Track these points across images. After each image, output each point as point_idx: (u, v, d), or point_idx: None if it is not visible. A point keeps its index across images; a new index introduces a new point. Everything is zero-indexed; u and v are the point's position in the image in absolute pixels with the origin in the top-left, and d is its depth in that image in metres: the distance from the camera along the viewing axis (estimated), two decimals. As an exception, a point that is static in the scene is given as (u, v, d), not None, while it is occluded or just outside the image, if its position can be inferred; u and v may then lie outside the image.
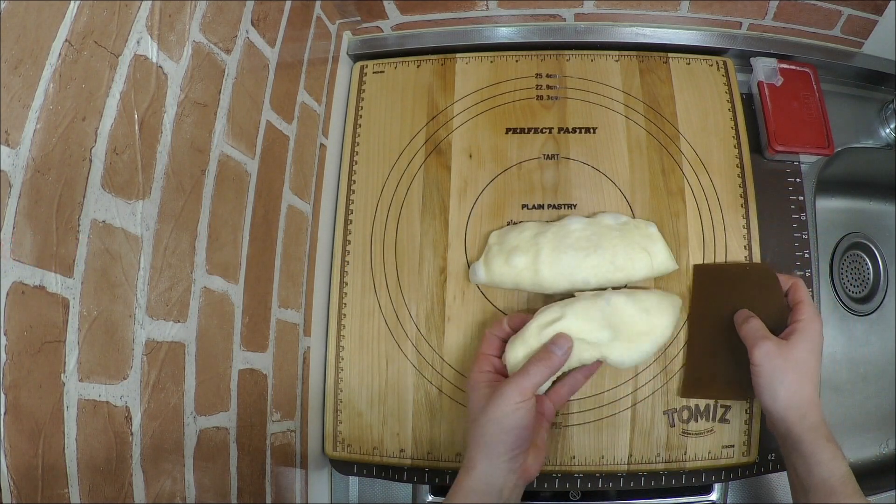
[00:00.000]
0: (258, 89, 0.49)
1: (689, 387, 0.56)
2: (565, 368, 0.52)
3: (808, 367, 0.49)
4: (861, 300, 0.75)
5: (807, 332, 0.50)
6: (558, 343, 0.50)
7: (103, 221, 0.33)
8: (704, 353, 0.56)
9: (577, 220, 0.57)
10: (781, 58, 0.64)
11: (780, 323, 0.52)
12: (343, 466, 0.60)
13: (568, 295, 0.55)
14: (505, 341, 0.53)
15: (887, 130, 0.65)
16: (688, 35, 0.66)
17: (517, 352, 0.51)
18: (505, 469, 0.47)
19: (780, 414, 0.48)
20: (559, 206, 0.60)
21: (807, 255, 0.60)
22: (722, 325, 0.55)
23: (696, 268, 0.58)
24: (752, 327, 0.52)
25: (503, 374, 0.52)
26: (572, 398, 0.56)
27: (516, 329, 0.53)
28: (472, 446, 0.48)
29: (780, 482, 0.59)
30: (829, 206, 0.77)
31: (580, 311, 0.51)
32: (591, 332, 0.52)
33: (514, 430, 0.47)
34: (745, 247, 0.59)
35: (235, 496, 0.46)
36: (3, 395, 0.27)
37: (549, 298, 0.57)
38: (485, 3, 0.64)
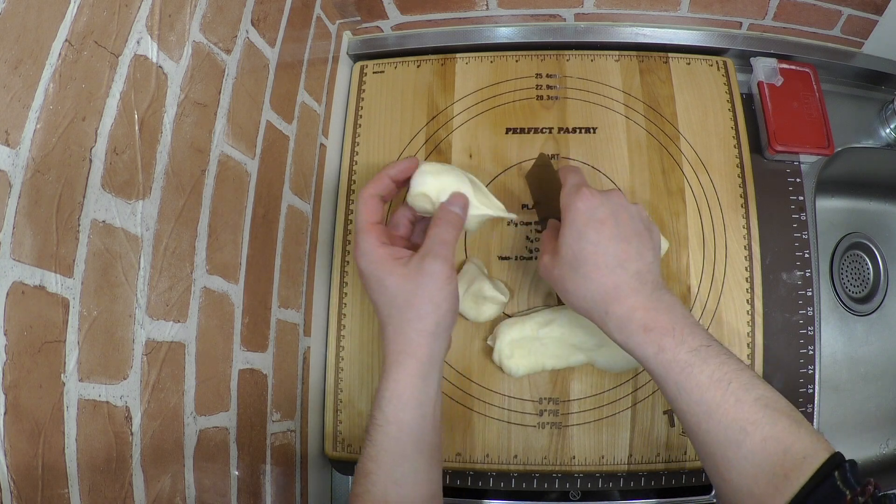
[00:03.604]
0: (258, 89, 0.49)
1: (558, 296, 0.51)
2: (561, 365, 0.54)
3: (583, 257, 0.42)
4: (861, 300, 0.75)
5: (566, 220, 0.43)
6: (454, 202, 0.46)
7: (103, 221, 0.33)
8: None
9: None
10: (781, 58, 0.64)
11: None
12: (343, 466, 0.60)
13: None
14: (385, 202, 0.48)
15: (887, 130, 0.65)
16: (688, 35, 0.66)
17: (512, 334, 0.54)
18: (446, 344, 0.45)
19: (593, 321, 0.42)
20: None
21: (807, 255, 0.60)
22: None
23: (526, 177, 0.57)
24: (541, 242, 0.47)
25: (395, 242, 0.47)
26: (572, 398, 0.56)
27: (399, 180, 0.48)
28: (412, 331, 0.43)
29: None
30: (829, 206, 0.77)
31: (571, 317, 0.54)
32: (579, 336, 0.54)
33: (452, 306, 0.44)
34: (745, 247, 0.59)
35: (235, 496, 0.46)
36: (3, 395, 0.27)
37: (550, 298, 0.58)
38: (485, 3, 0.64)
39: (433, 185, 0.47)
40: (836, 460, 0.35)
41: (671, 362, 0.39)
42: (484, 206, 0.48)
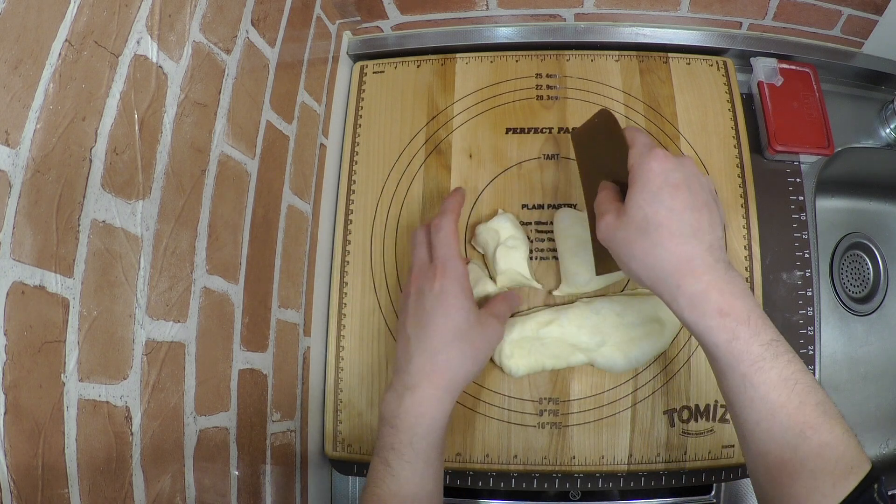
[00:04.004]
0: (258, 89, 0.49)
1: (601, 264, 0.49)
2: (561, 365, 0.54)
3: (657, 221, 0.39)
4: (861, 300, 0.75)
5: (639, 181, 0.40)
6: (517, 296, 0.55)
7: (103, 221, 0.33)
8: None
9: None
10: (781, 58, 0.64)
11: None
12: (343, 466, 0.60)
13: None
14: None
15: (887, 130, 0.65)
16: (688, 35, 0.66)
17: (512, 334, 0.54)
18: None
19: (658, 293, 0.40)
20: (559, 206, 0.60)
21: (807, 255, 0.60)
22: None
23: (573, 135, 0.55)
24: (597, 202, 0.44)
25: None
26: (572, 398, 0.56)
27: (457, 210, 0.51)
28: (456, 367, 0.45)
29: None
30: (829, 206, 0.77)
31: (573, 317, 0.54)
32: (581, 337, 0.54)
33: (483, 366, 0.49)
34: (745, 247, 0.59)
35: (235, 496, 0.46)
36: (3, 395, 0.27)
37: (549, 298, 0.58)
38: (485, 3, 0.64)
39: (505, 231, 0.56)
40: (874, 473, 0.36)
41: (743, 353, 0.38)
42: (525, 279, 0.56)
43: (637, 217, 0.40)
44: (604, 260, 0.48)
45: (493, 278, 0.57)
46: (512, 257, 0.55)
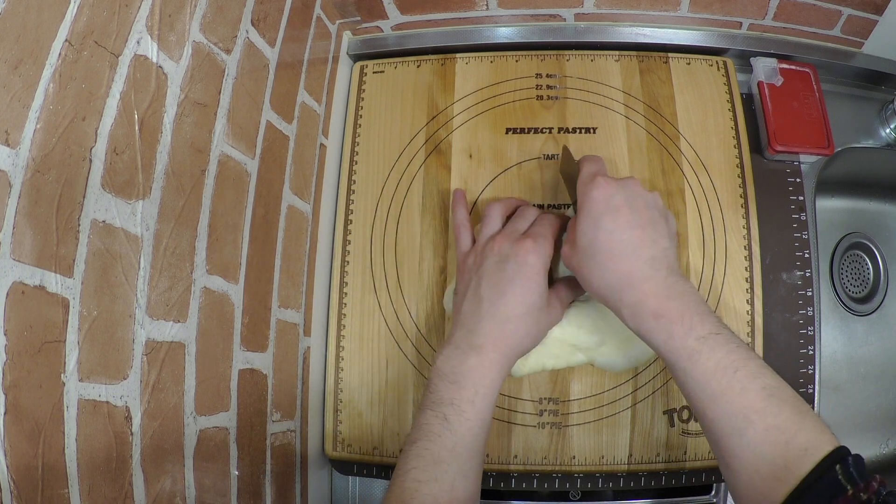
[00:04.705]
0: (258, 89, 0.49)
1: None
2: (561, 366, 0.55)
3: (597, 245, 0.43)
4: (861, 300, 0.75)
5: (583, 209, 0.44)
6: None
7: (103, 221, 0.33)
8: None
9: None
10: (781, 58, 0.64)
11: None
12: (343, 466, 0.60)
13: None
14: None
15: (887, 130, 0.65)
16: (688, 35, 0.66)
17: None
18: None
19: (609, 308, 0.44)
20: (559, 207, 0.60)
21: (807, 255, 0.60)
22: None
23: (560, 172, 0.58)
24: (567, 231, 0.48)
25: None
26: (572, 398, 0.56)
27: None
28: (520, 337, 0.46)
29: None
30: (829, 206, 0.77)
31: (572, 317, 0.54)
32: (581, 336, 0.54)
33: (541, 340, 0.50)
34: (745, 247, 0.59)
35: (235, 496, 0.46)
36: (3, 395, 0.27)
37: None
38: (485, 3, 0.64)
39: None
40: (839, 454, 0.35)
41: (679, 349, 0.40)
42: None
43: (583, 243, 0.44)
44: None
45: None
46: None
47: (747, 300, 0.57)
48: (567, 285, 0.52)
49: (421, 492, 0.41)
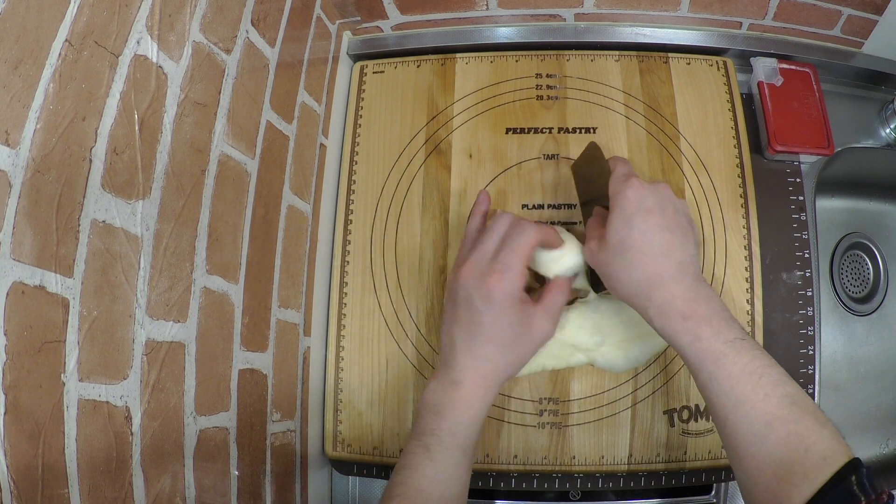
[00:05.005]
0: (258, 89, 0.49)
1: (597, 284, 0.51)
2: (561, 366, 0.54)
3: (630, 243, 0.43)
4: (861, 300, 0.75)
5: (616, 207, 0.44)
6: (569, 283, 0.51)
7: (103, 221, 0.33)
8: None
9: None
10: (781, 58, 0.64)
11: None
12: (343, 466, 0.60)
13: None
14: None
15: (887, 130, 0.65)
16: (688, 35, 0.66)
17: None
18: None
19: (634, 307, 0.44)
20: (559, 206, 0.60)
21: (807, 255, 0.60)
22: None
23: (572, 167, 0.57)
24: (587, 227, 0.48)
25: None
26: (572, 398, 0.56)
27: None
28: (502, 362, 0.46)
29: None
30: (829, 206, 0.77)
31: (572, 317, 0.54)
32: (581, 337, 0.54)
33: (529, 359, 0.48)
34: (745, 247, 0.59)
35: (235, 496, 0.46)
36: (3, 395, 0.27)
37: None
38: (485, 3, 0.64)
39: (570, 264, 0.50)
40: (854, 464, 0.36)
41: (706, 351, 0.40)
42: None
43: (614, 241, 0.44)
44: (598, 281, 0.50)
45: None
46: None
47: (747, 300, 0.57)
48: (554, 293, 0.49)
49: None
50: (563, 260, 0.49)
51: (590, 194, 0.54)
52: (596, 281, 0.51)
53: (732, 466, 0.41)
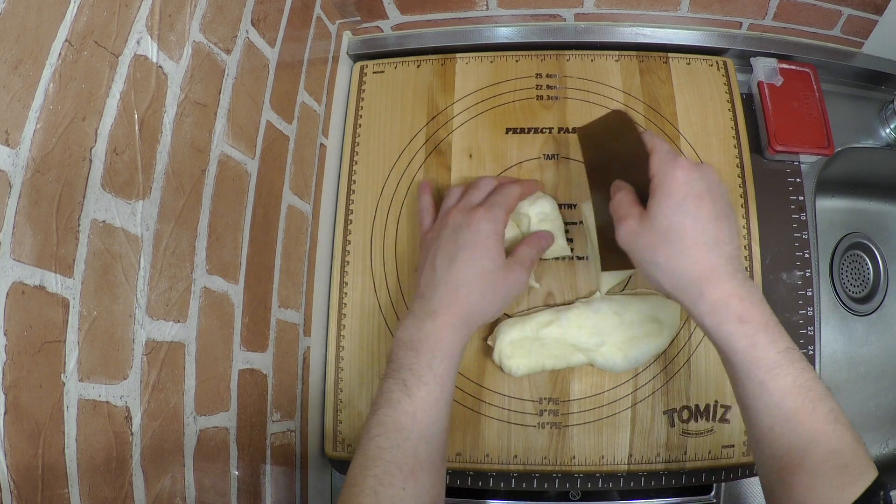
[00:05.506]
0: (258, 89, 0.49)
1: (607, 260, 0.50)
2: (560, 366, 0.55)
3: (681, 230, 0.40)
4: (861, 300, 0.75)
5: (663, 189, 0.41)
6: (547, 236, 0.55)
7: (103, 221, 0.33)
8: (610, 222, 0.47)
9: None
10: (781, 58, 0.64)
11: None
12: (343, 466, 0.60)
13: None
14: None
15: (887, 130, 0.65)
16: (688, 35, 0.66)
17: (512, 334, 0.54)
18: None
19: (678, 299, 0.41)
20: (560, 206, 0.60)
21: (807, 255, 0.60)
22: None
23: (579, 130, 0.56)
24: (616, 203, 0.44)
25: None
26: (572, 398, 0.56)
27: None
28: (476, 306, 0.47)
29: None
30: (829, 206, 0.77)
31: (572, 317, 0.54)
32: (581, 337, 0.54)
33: (504, 308, 0.51)
34: (745, 247, 0.59)
35: (235, 496, 0.46)
36: (3, 395, 0.27)
37: (549, 297, 0.58)
38: (485, 3, 0.64)
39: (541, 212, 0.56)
40: (880, 481, 0.37)
41: (760, 359, 0.39)
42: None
43: (661, 225, 0.41)
44: (609, 257, 0.49)
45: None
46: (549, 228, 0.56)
47: (747, 300, 0.57)
48: (529, 244, 0.52)
49: (384, 458, 0.41)
50: (540, 201, 0.56)
51: (608, 167, 0.50)
52: (608, 256, 0.48)
53: (762, 474, 0.40)
